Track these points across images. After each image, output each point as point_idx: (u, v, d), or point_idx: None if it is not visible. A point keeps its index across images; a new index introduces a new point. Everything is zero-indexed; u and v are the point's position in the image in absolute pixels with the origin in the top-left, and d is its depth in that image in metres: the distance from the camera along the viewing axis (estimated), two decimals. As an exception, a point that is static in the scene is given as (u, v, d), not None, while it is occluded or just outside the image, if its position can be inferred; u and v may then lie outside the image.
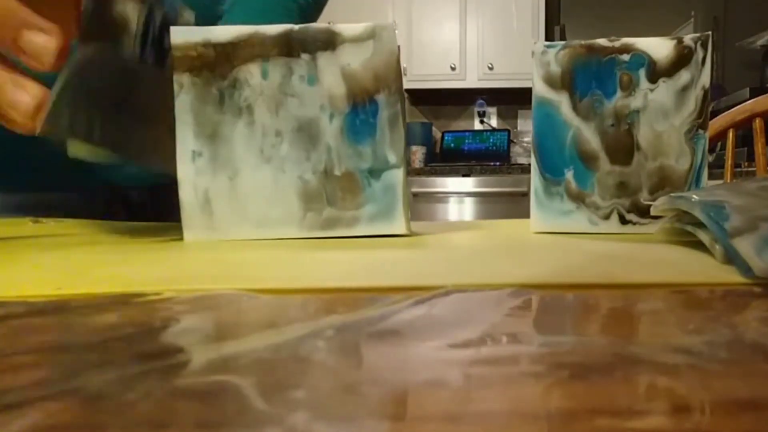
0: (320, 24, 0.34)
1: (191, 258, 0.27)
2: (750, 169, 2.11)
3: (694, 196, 0.26)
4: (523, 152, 3.05)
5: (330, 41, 0.34)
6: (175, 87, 0.33)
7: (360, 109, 0.34)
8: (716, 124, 1.18)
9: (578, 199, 0.35)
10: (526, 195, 2.42)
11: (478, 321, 0.15)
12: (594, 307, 0.17)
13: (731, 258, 0.22)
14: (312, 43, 0.33)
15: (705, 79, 0.35)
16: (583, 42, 0.35)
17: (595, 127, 0.35)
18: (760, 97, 1.14)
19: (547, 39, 2.88)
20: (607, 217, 0.35)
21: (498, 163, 2.81)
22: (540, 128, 0.36)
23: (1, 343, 0.14)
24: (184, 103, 0.33)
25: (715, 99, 2.45)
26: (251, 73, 0.33)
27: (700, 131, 0.35)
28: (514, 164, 2.86)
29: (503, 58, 2.88)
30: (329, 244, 0.31)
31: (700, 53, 0.35)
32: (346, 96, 0.34)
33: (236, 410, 0.09)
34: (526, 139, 3.09)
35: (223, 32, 0.33)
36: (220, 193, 0.34)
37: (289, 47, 0.33)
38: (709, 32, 0.35)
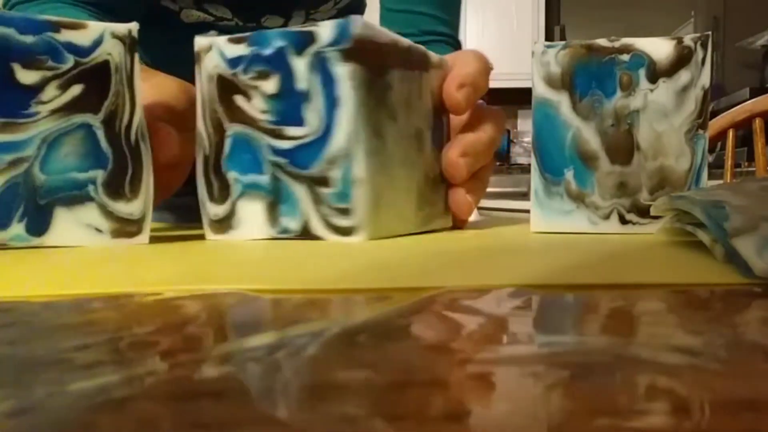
0: (420, 46, 0.37)
1: (191, 258, 0.27)
2: (750, 169, 2.11)
3: (695, 196, 0.26)
4: (523, 152, 3.05)
5: (426, 63, 0.37)
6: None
7: (436, 124, 0.39)
8: (716, 124, 1.19)
9: (578, 199, 0.35)
10: (526, 195, 2.42)
11: (478, 321, 0.15)
12: (594, 307, 0.17)
13: (731, 258, 0.22)
14: (419, 62, 0.37)
15: (705, 79, 0.35)
16: (583, 42, 0.35)
17: (595, 127, 0.35)
18: (760, 97, 1.14)
19: (547, 39, 2.88)
20: (607, 217, 0.35)
21: (498, 163, 2.81)
22: (540, 128, 0.36)
23: (2, 344, 0.14)
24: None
25: (715, 99, 2.45)
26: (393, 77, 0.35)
27: (700, 131, 0.35)
28: (514, 164, 2.86)
29: (503, 58, 2.87)
30: (329, 245, 0.31)
31: (700, 53, 0.35)
32: (432, 112, 0.38)
33: (236, 410, 0.09)
34: (526, 139, 3.09)
35: (385, 34, 0.34)
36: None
37: (409, 61, 0.36)
38: (709, 32, 0.35)
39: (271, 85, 0.33)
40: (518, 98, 3.02)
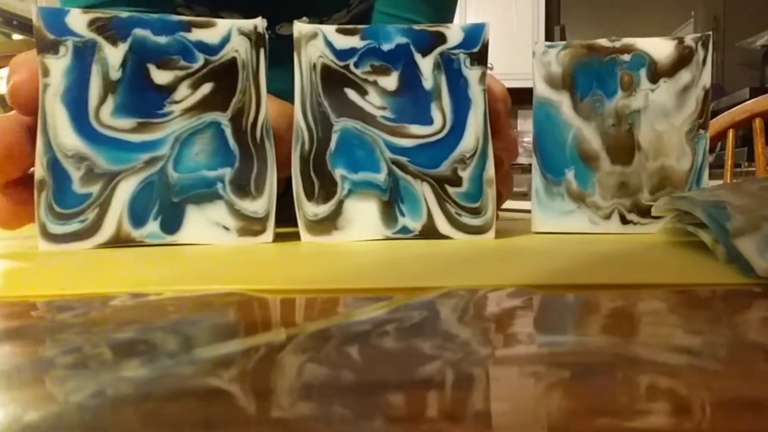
0: None
1: (192, 258, 0.27)
2: (750, 169, 2.11)
3: (696, 196, 0.26)
4: (524, 152, 3.04)
5: None
6: None
7: None
8: (716, 124, 1.18)
9: (579, 199, 0.35)
10: (526, 195, 2.42)
11: (479, 321, 0.15)
12: (594, 307, 0.17)
13: (733, 258, 0.22)
14: None
15: (706, 79, 0.35)
16: (584, 42, 0.35)
17: (595, 127, 0.35)
18: (760, 97, 1.14)
19: (547, 39, 2.88)
20: (608, 217, 0.35)
21: (498, 164, 2.79)
22: (541, 128, 0.36)
23: (1, 344, 0.14)
24: None
25: (715, 99, 2.45)
26: None
27: (701, 131, 0.35)
28: (514, 164, 2.85)
29: (503, 58, 2.87)
30: (330, 246, 0.31)
31: (700, 53, 0.35)
32: None
33: (236, 410, 0.09)
34: (526, 139, 3.08)
35: None
36: None
37: None
38: (710, 32, 0.35)
39: (390, 82, 0.32)
40: (518, 98, 3.01)
